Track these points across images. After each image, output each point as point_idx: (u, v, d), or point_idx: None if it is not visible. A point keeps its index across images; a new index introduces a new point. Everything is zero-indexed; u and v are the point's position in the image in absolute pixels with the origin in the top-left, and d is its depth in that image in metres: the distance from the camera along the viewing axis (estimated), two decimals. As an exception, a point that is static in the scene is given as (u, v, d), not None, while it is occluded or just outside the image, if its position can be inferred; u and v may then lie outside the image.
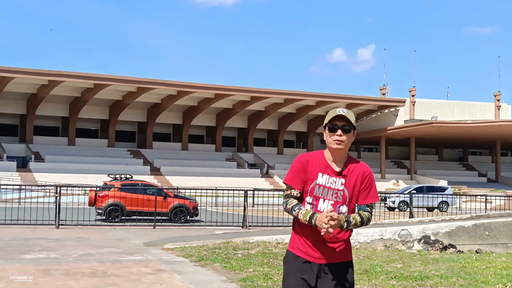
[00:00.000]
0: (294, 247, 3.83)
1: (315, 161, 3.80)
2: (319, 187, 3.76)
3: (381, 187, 50.51)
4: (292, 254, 3.82)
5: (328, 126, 3.79)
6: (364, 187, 3.81)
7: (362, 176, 3.81)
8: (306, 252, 3.77)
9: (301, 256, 3.78)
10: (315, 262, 3.75)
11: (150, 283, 8.23)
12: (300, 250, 3.79)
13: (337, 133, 3.75)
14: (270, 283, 7.99)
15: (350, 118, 3.75)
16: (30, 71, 45.83)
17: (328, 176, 3.78)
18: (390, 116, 58.54)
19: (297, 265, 3.77)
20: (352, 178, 3.79)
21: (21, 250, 11.68)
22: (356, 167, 3.82)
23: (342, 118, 3.76)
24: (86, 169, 47.18)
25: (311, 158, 3.82)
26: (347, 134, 3.76)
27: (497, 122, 56.06)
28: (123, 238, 14.76)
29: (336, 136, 3.75)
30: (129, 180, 23.58)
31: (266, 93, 53.44)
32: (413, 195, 24.63)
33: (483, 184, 59.18)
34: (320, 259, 3.75)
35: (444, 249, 11.71)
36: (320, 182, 3.77)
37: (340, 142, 3.74)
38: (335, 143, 3.75)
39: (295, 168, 3.81)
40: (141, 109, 57.05)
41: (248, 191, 20.77)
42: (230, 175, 51.34)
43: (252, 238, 12.53)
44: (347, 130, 3.76)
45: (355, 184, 3.79)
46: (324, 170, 3.78)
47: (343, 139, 3.75)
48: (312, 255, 3.76)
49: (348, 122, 3.76)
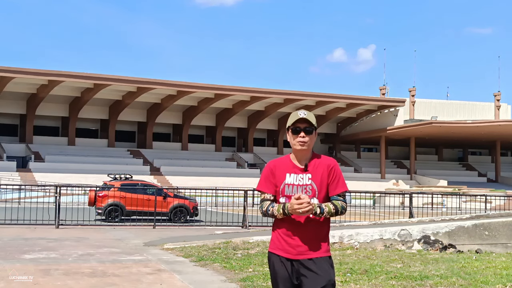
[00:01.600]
0: (273, 247, 4.01)
1: (282, 165, 4.03)
2: (289, 186, 3.96)
3: (381, 187, 50.51)
4: (272, 254, 4.00)
5: (291, 128, 4.00)
6: (332, 179, 3.99)
7: (328, 169, 3.99)
8: (285, 250, 3.94)
9: (281, 254, 3.95)
10: (294, 259, 3.92)
11: (150, 283, 8.23)
12: (279, 249, 3.96)
13: (300, 135, 3.97)
14: (270, 283, 7.98)
15: (311, 120, 3.97)
16: (30, 71, 45.82)
17: (295, 175, 3.98)
18: (390, 116, 58.53)
19: (277, 265, 3.96)
20: (319, 172, 3.97)
21: (21, 250, 11.67)
22: (321, 162, 4.01)
23: (304, 120, 3.97)
24: (86, 169, 47.18)
25: (278, 163, 4.05)
26: (309, 135, 3.97)
27: (497, 122, 56.07)
28: (123, 238, 14.76)
29: (299, 138, 3.97)
30: (129, 180, 23.57)
31: (266, 93, 53.44)
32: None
33: (483, 184, 59.17)
34: (298, 255, 3.91)
35: (444, 249, 11.71)
36: (289, 182, 3.97)
37: (304, 143, 3.96)
38: (298, 144, 3.97)
39: (264, 175, 4.04)
40: (141, 109, 57.06)
41: (248, 191, 20.75)
42: (230, 175, 51.33)
43: (252, 238, 12.53)
44: (309, 131, 3.97)
45: (322, 178, 3.97)
46: (291, 170, 3.99)
47: (306, 140, 3.96)
48: (290, 252, 3.92)
49: (310, 124, 3.98)
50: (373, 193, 33.40)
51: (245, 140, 62.54)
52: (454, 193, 36.03)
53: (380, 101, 59.10)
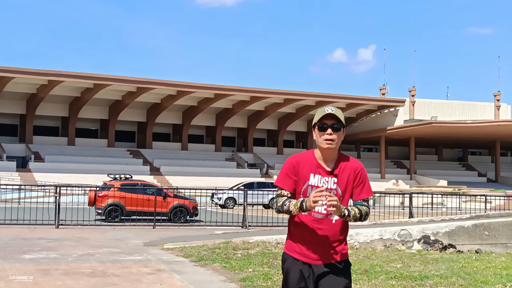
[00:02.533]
0: (290, 249, 3.79)
1: (306, 162, 3.76)
2: (312, 188, 3.72)
3: (381, 187, 50.46)
4: (289, 256, 3.78)
5: (318, 125, 3.72)
6: (357, 183, 3.77)
7: (354, 173, 3.77)
8: (303, 253, 3.74)
9: (299, 258, 3.74)
10: (313, 264, 3.72)
11: (149, 283, 8.22)
12: (297, 252, 3.75)
13: (327, 132, 3.69)
14: (270, 283, 7.98)
15: (339, 116, 3.69)
16: (29, 71, 45.81)
17: (320, 176, 3.74)
18: (390, 116, 58.53)
19: (294, 268, 3.74)
20: (344, 176, 3.76)
21: (21, 250, 11.67)
22: (347, 165, 3.78)
23: (332, 116, 3.70)
24: (85, 169, 47.18)
25: (302, 159, 3.77)
26: (337, 132, 3.70)
27: (496, 122, 56.06)
28: (123, 238, 14.76)
29: (326, 135, 3.69)
30: (129, 180, 23.56)
31: (265, 93, 53.44)
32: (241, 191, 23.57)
33: (483, 184, 59.16)
34: (318, 260, 3.72)
35: (444, 249, 11.70)
36: (313, 183, 3.73)
37: (331, 141, 3.69)
38: (325, 142, 3.69)
39: (285, 170, 3.77)
40: (141, 109, 57.05)
41: (247, 191, 20.76)
42: (230, 175, 51.32)
43: (252, 238, 12.52)
44: (337, 128, 3.70)
45: (347, 182, 3.76)
46: (316, 170, 3.74)
47: (334, 138, 3.69)
48: (309, 257, 3.72)
49: (338, 120, 3.70)
50: (373, 193, 33.34)
51: (245, 140, 62.54)
52: (454, 193, 36.01)
53: (380, 101, 59.11)
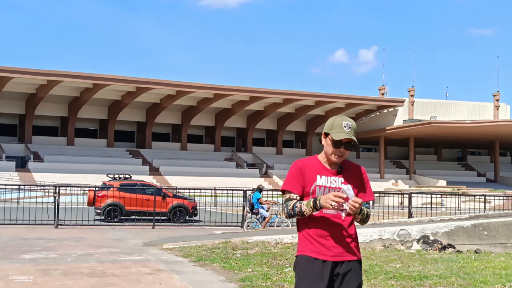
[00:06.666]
0: (304, 249, 3.78)
1: (311, 165, 3.83)
2: (320, 187, 3.77)
3: (380, 187, 50.47)
4: (304, 257, 3.77)
5: (332, 140, 3.78)
6: (362, 186, 3.88)
7: (359, 176, 3.88)
8: (318, 251, 3.74)
9: (314, 256, 3.73)
10: (329, 260, 3.73)
11: (149, 283, 8.23)
12: (312, 251, 3.75)
13: (340, 149, 3.78)
14: (269, 283, 7.98)
15: (355, 136, 3.78)
16: (29, 71, 45.79)
17: (326, 177, 3.81)
18: (389, 116, 58.54)
19: (309, 267, 3.73)
20: (350, 177, 3.84)
21: (20, 250, 11.67)
22: (352, 167, 3.89)
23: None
24: (85, 169, 47.15)
25: (307, 163, 3.85)
26: (349, 149, 3.82)
27: (496, 122, 56.08)
28: (122, 238, 14.76)
29: (339, 152, 3.78)
30: (128, 180, 23.56)
31: (265, 93, 53.43)
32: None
33: (482, 184, 59.18)
34: (334, 257, 3.74)
35: (443, 249, 11.70)
36: (320, 183, 3.78)
37: (341, 157, 3.80)
38: (335, 157, 3.79)
39: (293, 173, 3.81)
40: (140, 109, 57.03)
41: (247, 191, 20.75)
42: (229, 175, 51.32)
43: (251, 238, 12.52)
44: (349, 145, 3.80)
45: (354, 183, 3.82)
46: (322, 172, 3.82)
47: (345, 154, 3.80)
48: (325, 254, 3.73)
49: (353, 139, 3.79)
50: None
51: (244, 140, 62.52)
52: (453, 193, 36.05)
53: (379, 101, 59.12)
